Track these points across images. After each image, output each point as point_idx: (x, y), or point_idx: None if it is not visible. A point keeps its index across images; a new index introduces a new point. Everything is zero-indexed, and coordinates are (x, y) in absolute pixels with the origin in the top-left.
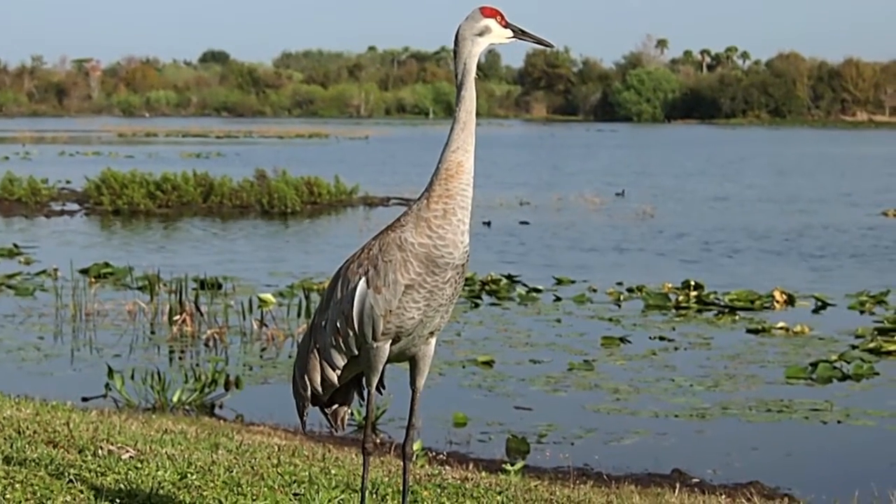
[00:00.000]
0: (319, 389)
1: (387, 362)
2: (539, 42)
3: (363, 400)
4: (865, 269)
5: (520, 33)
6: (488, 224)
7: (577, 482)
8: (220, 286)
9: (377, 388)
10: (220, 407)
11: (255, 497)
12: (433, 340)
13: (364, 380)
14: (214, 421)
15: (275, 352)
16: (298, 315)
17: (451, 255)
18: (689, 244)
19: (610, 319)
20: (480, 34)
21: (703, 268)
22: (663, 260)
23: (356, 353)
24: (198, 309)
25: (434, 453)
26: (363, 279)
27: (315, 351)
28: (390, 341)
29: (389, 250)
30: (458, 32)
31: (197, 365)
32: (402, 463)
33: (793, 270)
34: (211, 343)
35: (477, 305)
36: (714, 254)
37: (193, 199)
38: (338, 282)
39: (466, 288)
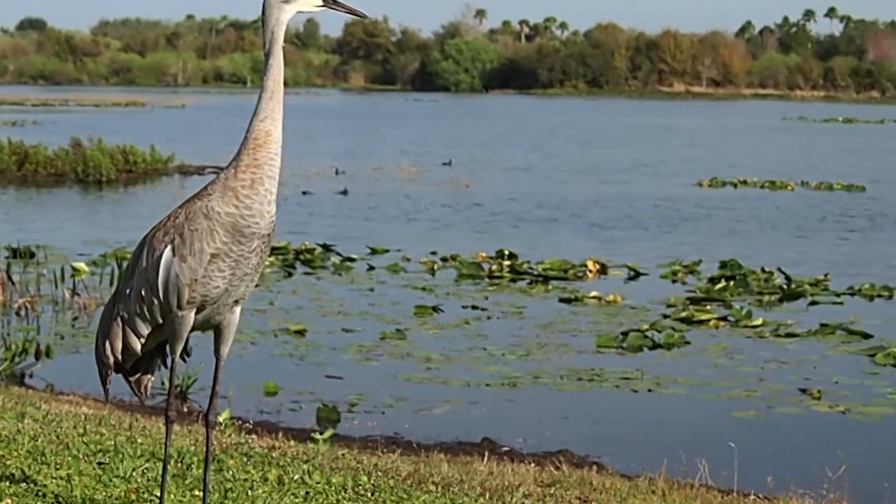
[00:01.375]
0: (121, 357)
1: (191, 330)
2: (351, 12)
3: (168, 368)
4: (679, 239)
5: (331, 2)
6: (307, 194)
7: (386, 451)
8: (32, 255)
9: (181, 357)
10: (31, 376)
11: (58, 466)
12: (238, 309)
13: (168, 348)
14: (23, 390)
15: (86, 321)
16: (111, 284)
17: (257, 224)
18: (504, 214)
19: (423, 289)
20: (287, 1)
21: (517, 237)
22: (478, 229)
23: (161, 321)
24: (9, 278)
25: (243, 422)
26: (169, 247)
27: (119, 319)
28: (195, 310)
29: (196, 219)
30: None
31: (8, 335)
32: (206, 431)
33: (607, 241)
34: (22, 312)
35: (290, 275)
36: (529, 223)
37: (8, 167)
38: (143, 249)
39: (280, 257)
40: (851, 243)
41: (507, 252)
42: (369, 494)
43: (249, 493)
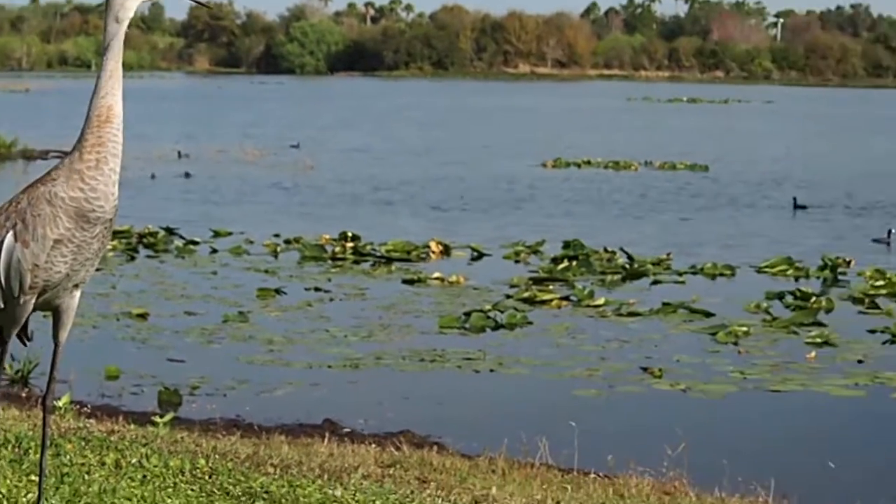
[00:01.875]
0: None
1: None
2: (196, 1)
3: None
4: (522, 220)
5: None
6: (153, 177)
7: (226, 433)
8: None
9: (22, 341)
10: None
11: None
12: (77, 293)
13: (3, 332)
14: None
15: None
16: None
17: (102, 208)
18: (347, 196)
19: (266, 271)
20: None
21: (360, 219)
22: (321, 212)
23: (2, 306)
24: None
25: (83, 406)
26: (10, 233)
27: None
28: (36, 295)
29: (38, 204)
30: None
31: None
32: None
33: (450, 222)
34: None
35: (133, 258)
36: (372, 205)
37: None
38: None
39: (123, 241)
40: (694, 222)
41: (350, 234)
42: (207, 477)
43: (86, 477)
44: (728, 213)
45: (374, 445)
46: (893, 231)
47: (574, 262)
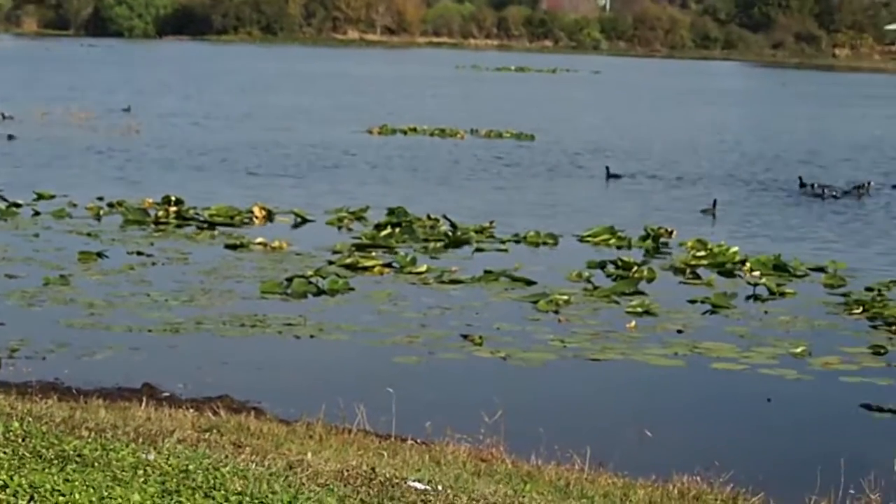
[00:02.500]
0: None
1: None
2: None
3: None
4: (347, 187)
5: None
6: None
7: (43, 396)
8: None
9: None
10: None
11: None
12: None
13: None
14: None
15: None
16: None
17: None
18: (172, 160)
19: (89, 234)
20: None
21: (184, 183)
22: (145, 175)
23: None
24: None
25: None
26: None
27: None
28: None
29: None
30: None
31: None
32: None
33: (273, 187)
34: None
35: None
36: (197, 170)
37: None
38: None
39: None
40: (518, 191)
41: (173, 198)
42: (20, 440)
43: None
44: (552, 182)
45: (192, 410)
46: (718, 201)
47: (397, 229)
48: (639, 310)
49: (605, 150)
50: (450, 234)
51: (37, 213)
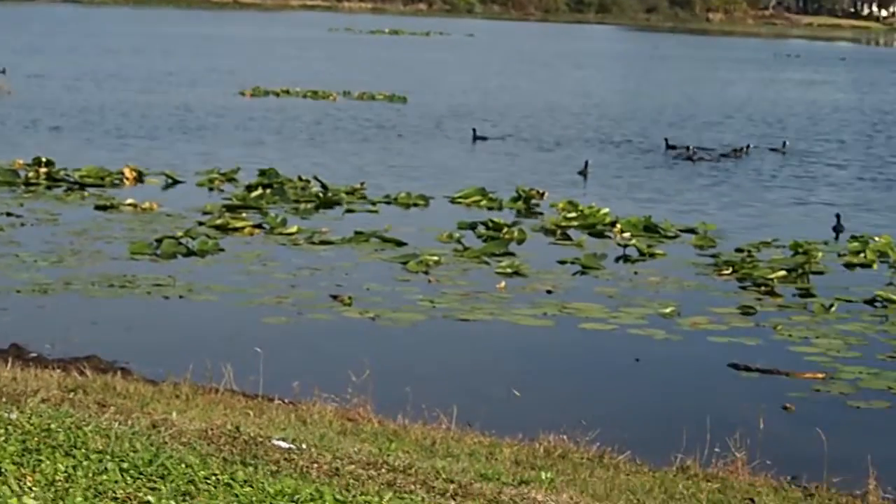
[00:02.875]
0: None
1: None
2: None
3: None
4: (218, 148)
5: None
6: None
7: None
8: None
9: None
10: None
11: None
12: None
13: None
14: None
15: None
16: None
17: None
18: (42, 121)
19: None
20: None
21: (55, 145)
22: (16, 136)
23: None
24: None
25: None
26: None
27: None
28: None
29: None
30: None
31: None
32: None
33: (144, 149)
34: None
35: None
36: (67, 132)
37: None
38: None
39: None
40: (389, 152)
41: (44, 159)
42: None
43: None
44: (423, 143)
45: (58, 370)
46: (590, 162)
47: (268, 191)
48: (509, 270)
49: (475, 113)
50: (320, 195)
51: None
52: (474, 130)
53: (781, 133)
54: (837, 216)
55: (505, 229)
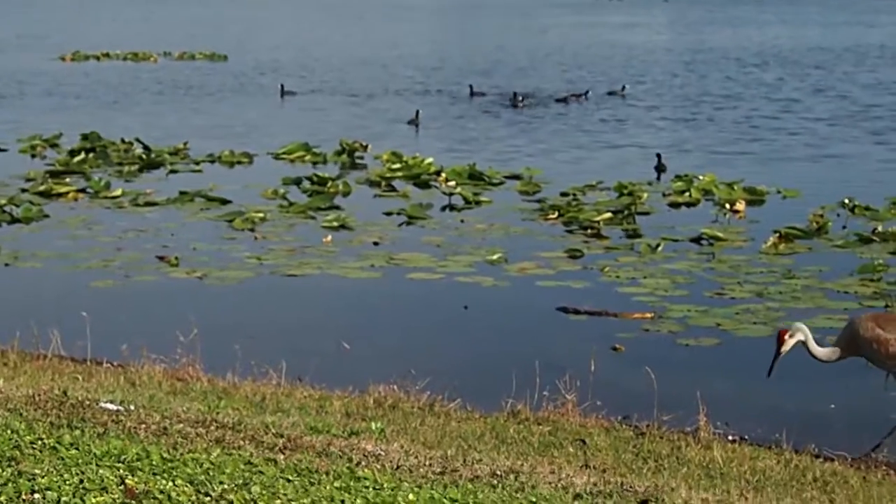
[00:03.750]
0: None
1: None
2: None
3: None
4: (39, 114)
5: None
6: None
7: None
8: None
9: None
10: None
11: None
12: None
13: None
14: None
15: None
16: None
17: None
18: None
19: None
20: None
21: None
22: None
23: None
24: None
25: None
26: None
27: None
28: None
29: None
30: None
31: None
32: None
33: None
34: None
35: None
36: None
37: None
38: None
39: None
40: (211, 111)
41: None
42: None
43: None
44: (245, 100)
45: None
46: (421, 112)
47: (91, 155)
48: (335, 224)
49: (287, 68)
50: (143, 156)
51: None
52: (282, 86)
53: (600, 77)
54: (658, 156)
55: (329, 183)
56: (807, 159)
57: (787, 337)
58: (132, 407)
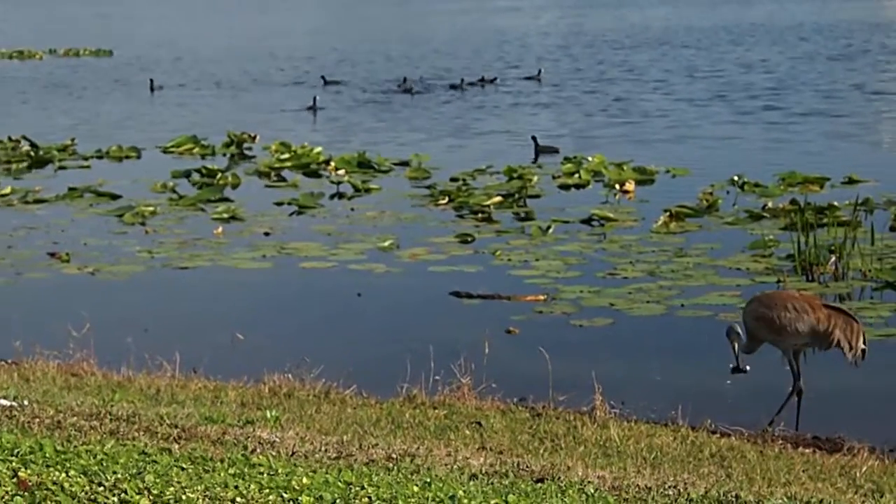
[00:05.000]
0: None
1: None
2: None
3: None
4: None
5: None
6: None
7: None
8: None
9: None
10: None
11: None
12: None
13: None
14: None
15: None
16: None
17: None
18: None
19: None
20: None
21: None
22: None
23: None
24: None
25: None
26: None
27: None
28: None
29: None
30: None
31: None
32: None
33: None
34: None
35: None
36: None
37: None
38: None
39: None
40: (97, 107)
41: None
42: None
43: None
44: (129, 95)
45: None
46: (318, 98)
47: None
48: (225, 216)
49: (164, 63)
50: (32, 154)
51: None
52: (151, 81)
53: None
54: (534, 138)
55: (219, 175)
56: (692, 139)
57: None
58: (26, 402)
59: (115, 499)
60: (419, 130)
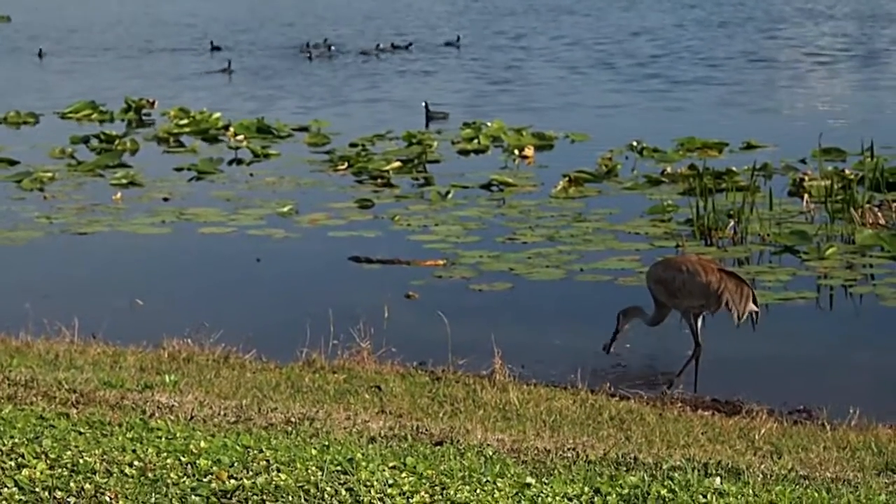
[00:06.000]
0: None
1: None
2: None
3: None
4: None
5: None
6: None
7: None
8: None
9: None
10: None
11: None
12: None
13: None
14: None
15: None
16: None
17: None
18: None
19: None
20: None
21: None
22: None
23: None
24: None
25: None
26: None
27: None
28: None
29: None
30: None
31: None
32: None
33: None
34: None
35: None
36: None
37: None
38: None
39: None
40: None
41: None
42: None
43: None
44: (21, 61)
45: None
46: (233, 63)
47: None
48: (124, 181)
49: (56, 30)
50: None
51: None
52: (40, 50)
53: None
54: (426, 104)
55: (117, 141)
56: (585, 107)
57: (623, 322)
58: None
59: (13, 463)
60: (316, 98)
